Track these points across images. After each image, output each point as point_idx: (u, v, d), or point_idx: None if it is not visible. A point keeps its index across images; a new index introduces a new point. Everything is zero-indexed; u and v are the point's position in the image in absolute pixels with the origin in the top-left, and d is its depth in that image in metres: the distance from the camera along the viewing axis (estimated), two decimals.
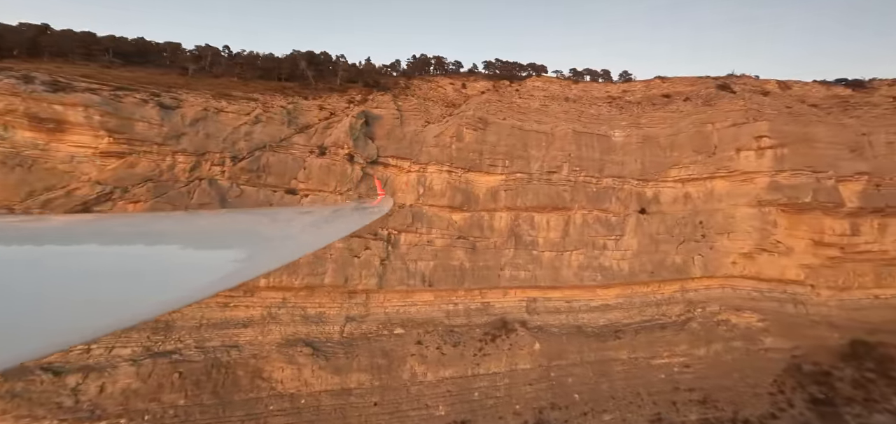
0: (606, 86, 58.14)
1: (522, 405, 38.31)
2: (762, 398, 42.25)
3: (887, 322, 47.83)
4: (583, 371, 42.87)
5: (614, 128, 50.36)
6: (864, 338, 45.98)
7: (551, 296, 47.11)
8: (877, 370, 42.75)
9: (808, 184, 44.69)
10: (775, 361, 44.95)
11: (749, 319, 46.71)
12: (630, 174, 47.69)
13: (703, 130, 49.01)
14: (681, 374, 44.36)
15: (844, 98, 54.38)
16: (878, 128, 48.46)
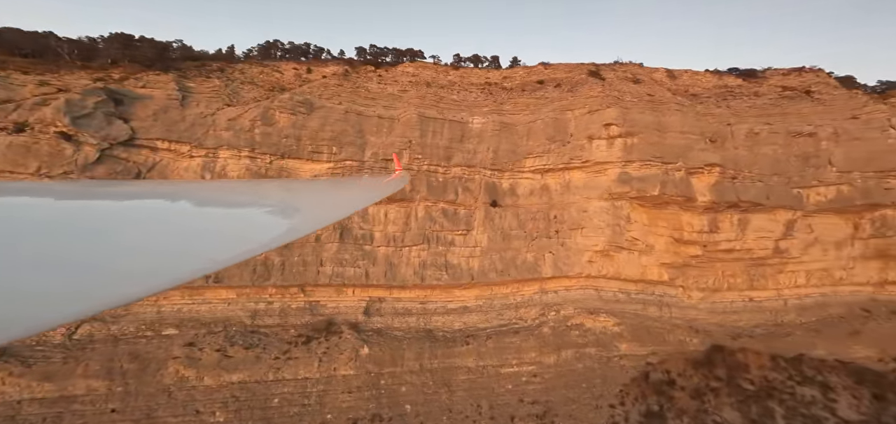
0: (488, 73, 55.25)
1: (336, 414, 34.09)
2: (602, 411, 39.06)
3: (757, 325, 45.72)
4: (422, 380, 39.02)
5: (475, 114, 47.23)
6: (725, 344, 43.60)
7: (401, 297, 43.20)
8: (725, 377, 40.27)
9: (657, 175, 42.30)
10: (627, 369, 41.97)
11: (605, 323, 43.74)
12: (482, 163, 44.36)
13: (563, 118, 46.25)
14: (528, 384, 40.88)
15: (730, 88, 52.82)
16: (747, 119, 46.62)
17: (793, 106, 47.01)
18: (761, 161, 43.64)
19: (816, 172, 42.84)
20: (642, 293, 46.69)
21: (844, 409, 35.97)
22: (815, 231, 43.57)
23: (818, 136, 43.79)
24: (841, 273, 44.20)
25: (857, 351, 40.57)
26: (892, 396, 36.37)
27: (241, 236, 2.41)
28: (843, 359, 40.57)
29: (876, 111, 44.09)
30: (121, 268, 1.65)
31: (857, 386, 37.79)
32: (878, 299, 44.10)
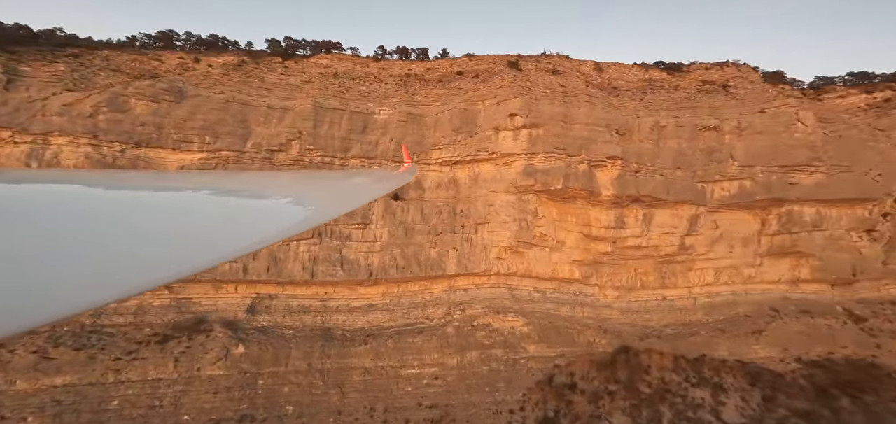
0: (411, 64, 53.59)
1: (194, 415, 31.08)
2: (501, 416, 37.21)
3: (668, 325, 44.80)
4: (310, 380, 36.40)
5: (383, 106, 44.84)
6: (633, 344, 42.49)
7: (296, 294, 40.62)
8: (625, 380, 39.03)
9: (560, 168, 40.81)
10: (534, 372, 40.32)
11: (513, 323, 41.98)
12: (383, 154, 42.03)
13: (473, 109, 44.50)
14: (429, 387, 38.73)
15: (654, 81, 52.00)
16: (658, 112, 45.71)
17: (706, 100, 46.47)
18: (665, 154, 42.78)
19: (719, 166, 42.19)
20: (557, 292, 45.35)
21: (730, 412, 35.14)
22: (721, 227, 42.91)
23: (722, 130, 43.19)
24: (750, 271, 43.69)
25: (758, 351, 39.98)
26: (782, 398, 35.76)
27: (248, 228, 2.40)
28: (744, 360, 39.93)
29: (784, 105, 43.76)
30: (115, 263, 1.59)
31: (749, 388, 37.08)
32: (791, 298, 43.76)
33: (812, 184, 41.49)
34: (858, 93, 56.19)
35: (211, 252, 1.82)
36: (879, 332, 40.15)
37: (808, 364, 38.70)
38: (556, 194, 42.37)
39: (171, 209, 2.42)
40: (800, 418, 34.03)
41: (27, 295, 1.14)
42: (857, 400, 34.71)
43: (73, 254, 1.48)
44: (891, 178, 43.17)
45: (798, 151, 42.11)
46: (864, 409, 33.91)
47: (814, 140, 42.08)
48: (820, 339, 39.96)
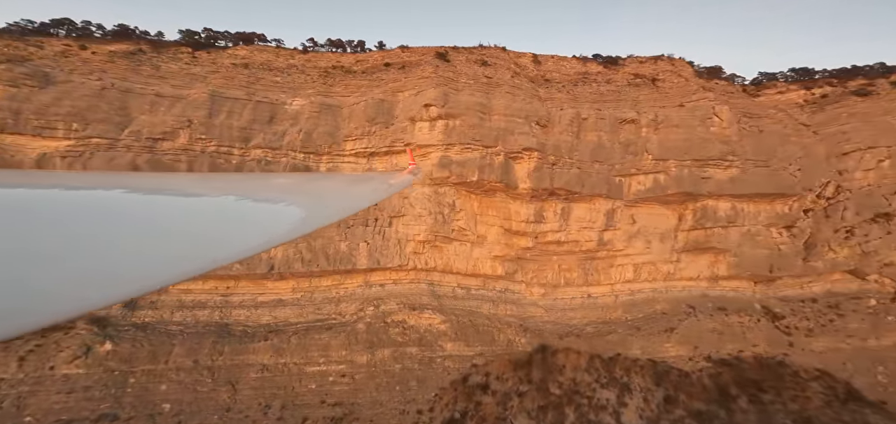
0: (341, 56, 52.21)
1: (40, 415, 29.03)
2: (408, 416, 36.05)
3: (590, 322, 44.00)
4: (194, 378, 34.60)
5: (297, 96, 43.06)
6: (552, 343, 41.67)
7: (192, 289, 38.82)
8: (537, 381, 38.14)
9: (476, 159, 39.54)
10: (450, 371, 39.21)
11: (431, 321, 40.75)
12: (290, 145, 40.25)
13: (392, 100, 43.28)
14: (335, 385, 37.33)
15: (588, 74, 51.04)
16: (582, 104, 44.67)
17: (632, 93, 45.84)
18: (584, 147, 41.92)
19: (635, 160, 41.49)
20: (482, 289, 44.33)
21: (630, 414, 34.50)
22: (639, 222, 42.20)
23: (639, 123, 42.46)
24: (668, 267, 43.13)
25: (669, 349, 39.44)
26: (683, 398, 35.25)
27: (251, 229, 2.45)
28: (656, 359, 39.37)
29: (702, 99, 43.14)
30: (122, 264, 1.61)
31: (654, 388, 36.49)
32: (710, 295, 43.35)
33: (726, 179, 41.01)
34: (797, 89, 56.30)
35: (210, 253, 1.89)
36: (794, 330, 39.95)
37: (717, 363, 38.29)
38: (473, 187, 41.13)
39: (175, 211, 2.44)
40: (694, 419, 33.51)
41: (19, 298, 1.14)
42: (754, 400, 34.36)
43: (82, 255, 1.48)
44: (812, 174, 42.98)
45: (712, 145, 41.58)
46: (760, 409, 33.56)
47: (729, 134, 41.58)
48: (732, 337, 39.59)
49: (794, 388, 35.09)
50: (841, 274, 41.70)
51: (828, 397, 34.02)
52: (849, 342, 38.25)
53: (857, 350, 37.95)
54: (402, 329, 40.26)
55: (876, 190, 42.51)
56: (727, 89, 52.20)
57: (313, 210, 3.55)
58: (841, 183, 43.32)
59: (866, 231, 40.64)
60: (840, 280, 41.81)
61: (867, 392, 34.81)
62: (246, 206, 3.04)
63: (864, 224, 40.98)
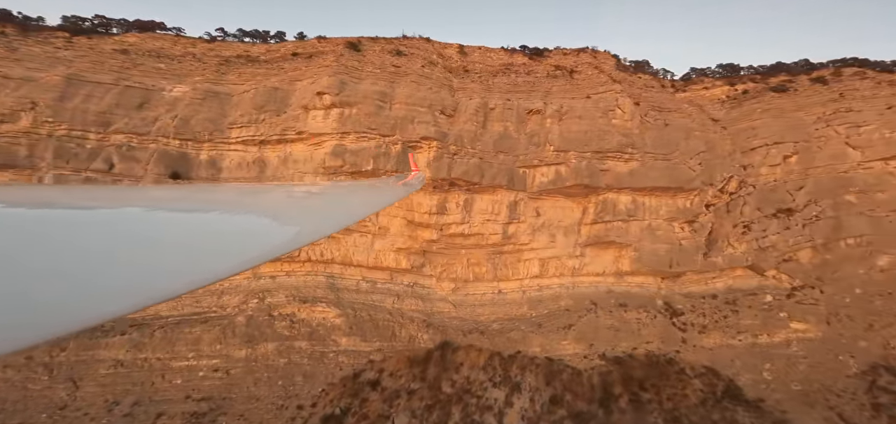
0: (250, 47, 49.65)
1: None
2: (286, 412, 34.20)
3: (498, 319, 42.94)
4: (23, 376, 32.06)
5: (182, 83, 40.48)
6: (456, 340, 40.51)
7: None
8: (432, 379, 36.72)
9: (371, 149, 37.81)
10: (343, 366, 37.55)
11: (325, 314, 38.99)
12: (161, 131, 37.56)
13: (289, 88, 41.67)
14: (205, 380, 35.07)
15: (512, 65, 49.60)
16: (493, 95, 43.11)
17: (545, 84, 45.08)
18: (488, 137, 40.40)
19: (537, 151, 40.24)
20: (389, 283, 42.77)
21: (513, 415, 33.44)
22: (543, 215, 41.15)
23: (544, 114, 41.22)
24: (574, 262, 42.28)
25: (566, 347, 38.69)
26: (569, 398, 34.46)
27: (256, 239, 2.46)
28: (553, 356, 38.64)
29: (608, 91, 42.21)
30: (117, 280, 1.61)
31: (544, 387, 35.60)
32: (615, 291, 42.73)
33: (626, 172, 40.31)
34: (722, 84, 56.35)
35: (217, 265, 1.89)
36: (689, 327, 39.73)
37: (610, 361, 37.73)
38: (369, 175, 39.21)
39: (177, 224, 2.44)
40: (574, 420, 32.78)
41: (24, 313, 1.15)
42: (634, 400, 33.83)
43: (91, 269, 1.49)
44: (716, 168, 42.69)
45: (611, 137, 40.80)
46: (637, 408, 33.06)
47: (630, 127, 40.87)
48: (628, 334, 39.09)
49: (676, 386, 34.73)
50: (743, 270, 41.69)
51: (705, 395, 33.78)
52: (740, 339, 38.23)
53: (748, 347, 37.97)
54: (290, 322, 38.41)
55: (780, 185, 42.59)
56: (649, 83, 51.71)
57: (311, 220, 3.42)
58: (745, 178, 43.23)
59: (764, 226, 40.66)
60: (742, 276, 41.80)
61: (749, 390, 34.76)
62: (239, 219, 3.00)
63: (763, 219, 40.98)
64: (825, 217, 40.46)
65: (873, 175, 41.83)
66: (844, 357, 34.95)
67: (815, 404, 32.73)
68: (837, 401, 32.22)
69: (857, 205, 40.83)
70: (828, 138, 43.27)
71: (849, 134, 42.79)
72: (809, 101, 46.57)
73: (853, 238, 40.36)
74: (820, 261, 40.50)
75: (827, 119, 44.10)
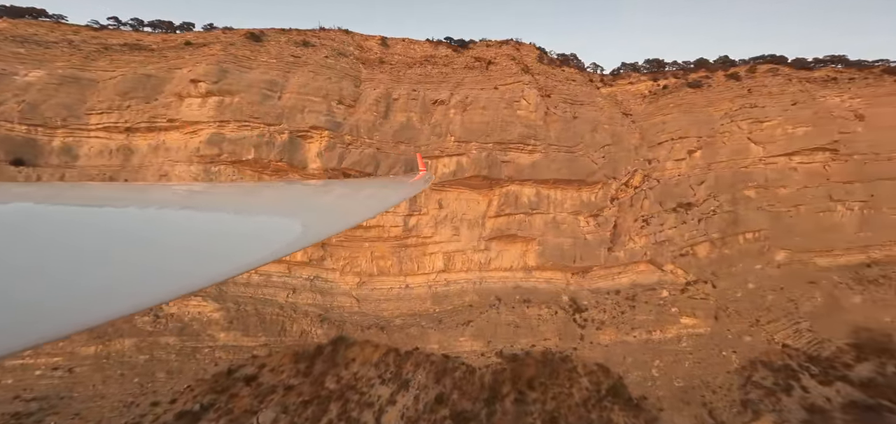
0: (142, 35, 45.92)
1: None
2: (136, 409, 31.14)
3: (402, 315, 40.87)
4: None
5: (40, 69, 36.96)
6: (351, 335, 38.26)
7: None
8: (316, 375, 34.53)
9: (253, 138, 35.29)
10: (220, 362, 34.76)
11: (200, 308, 35.92)
12: (4, 115, 33.89)
13: (167, 75, 38.34)
14: (42, 379, 31.45)
15: (432, 57, 47.42)
16: (401, 85, 40.87)
17: (459, 75, 43.42)
18: (388, 127, 38.28)
19: (439, 142, 38.33)
20: (287, 276, 40.10)
21: (394, 413, 31.70)
22: (446, 207, 39.38)
23: (448, 104, 39.37)
24: (480, 256, 40.74)
25: (464, 344, 37.20)
26: (455, 396, 32.92)
27: (261, 239, 2.41)
28: (450, 353, 37.12)
29: (516, 83, 40.99)
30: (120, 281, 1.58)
31: (433, 386, 34.03)
32: (522, 286, 41.46)
33: (528, 164, 38.96)
34: (646, 79, 56.09)
35: (222, 265, 1.84)
36: (589, 323, 38.96)
37: (507, 359, 36.51)
38: (254, 166, 36.44)
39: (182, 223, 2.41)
40: (454, 420, 31.36)
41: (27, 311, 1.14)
42: (519, 399, 32.69)
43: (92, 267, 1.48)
44: (622, 162, 42.01)
45: (514, 128, 39.42)
46: (521, 408, 31.89)
47: (534, 118, 39.52)
48: (527, 331, 37.96)
49: (564, 385, 33.81)
50: (646, 265, 41.23)
51: (589, 394, 32.99)
52: (635, 335, 37.70)
53: (641, 343, 37.48)
54: (154, 317, 35.39)
55: (683, 179, 42.34)
56: (571, 77, 50.50)
57: (318, 219, 3.38)
58: (650, 172, 42.78)
59: (662, 220, 40.27)
60: (645, 271, 41.34)
61: (636, 388, 34.21)
62: (243, 219, 2.95)
63: (663, 213, 40.62)
64: (722, 212, 40.45)
65: (776, 170, 42.14)
66: (727, 353, 34.87)
67: (690, 401, 32.39)
68: (712, 398, 31.98)
69: (756, 200, 41.03)
70: (732, 133, 43.30)
71: (751, 129, 42.94)
72: (720, 97, 46.55)
73: (751, 233, 40.55)
74: (718, 256, 40.52)
75: (733, 114, 44.12)
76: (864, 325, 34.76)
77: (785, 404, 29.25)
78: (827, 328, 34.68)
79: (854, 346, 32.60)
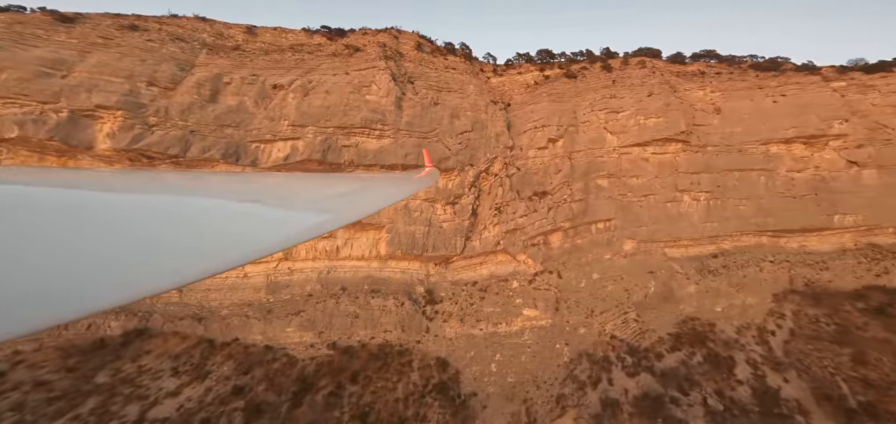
0: None
1: None
2: None
3: (231, 305, 36.67)
4: None
5: None
6: (156, 327, 34.43)
7: None
8: (85, 368, 30.27)
9: (17, 114, 30.34)
10: None
11: None
12: None
13: None
14: None
15: (304, 45, 44.17)
16: (238, 70, 37.56)
17: (318, 61, 40.04)
18: (211, 110, 34.74)
19: (273, 126, 35.18)
20: None
21: (168, 406, 28.42)
22: None
23: (287, 89, 36.48)
24: (326, 244, 37.32)
25: (290, 335, 34.10)
26: (261, 388, 29.18)
27: (266, 231, 2.42)
28: (275, 344, 34.11)
29: (370, 68, 38.63)
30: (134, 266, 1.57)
31: (236, 377, 30.40)
32: (376, 276, 38.61)
33: (376, 149, 36.27)
34: (534, 70, 54.97)
35: (226, 255, 1.82)
36: (438, 315, 36.72)
37: (340, 350, 33.56)
38: (14, 143, 31.84)
39: (190, 212, 2.41)
40: (247, 412, 28.19)
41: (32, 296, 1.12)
42: (335, 393, 29.98)
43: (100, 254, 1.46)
44: (477, 148, 40.16)
45: (358, 113, 36.60)
46: (331, 402, 28.82)
47: (384, 104, 36.83)
48: (368, 322, 35.13)
49: (391, 379, 31.24)
50: (504, 255, 39.64)
51: (415, 389, 30.52)
52: (481, 328, 35.70)
53: (487, 336, 35.55)
54: None
55: (543, 168, 41.03)
56: (452, 65, 48.27)
57: (329, 211, 3.35)
58: (513, 159, 41.26)
59: (515, 208, 38.54)
60: (503, 261, 39.54)
61: (470, 384, 32.15)
62: (257, 208, 2.93)
63: (515, 202, 38.92)
64: (574, 201, 39.40)
65: (630, 160, 41.46)
66: (561, 346, 33.43)
67: (514, 398, 30.60)
68: (535, 394, 30.34)
69: (608, 190, 40.18)
70: (591, 123, 42.38)
71: (607, 119, 42.10)
72: (588, 87, 45.63)
73: (602, 222, 39.63)
74: (570, 246, 39.35)
75: (595, 105, 43.27)
76: (694, 315, 34.29)
77: (589, 398, 27.97)
78: (656, 318, 33.95)
79: (674, 336, 31.85)
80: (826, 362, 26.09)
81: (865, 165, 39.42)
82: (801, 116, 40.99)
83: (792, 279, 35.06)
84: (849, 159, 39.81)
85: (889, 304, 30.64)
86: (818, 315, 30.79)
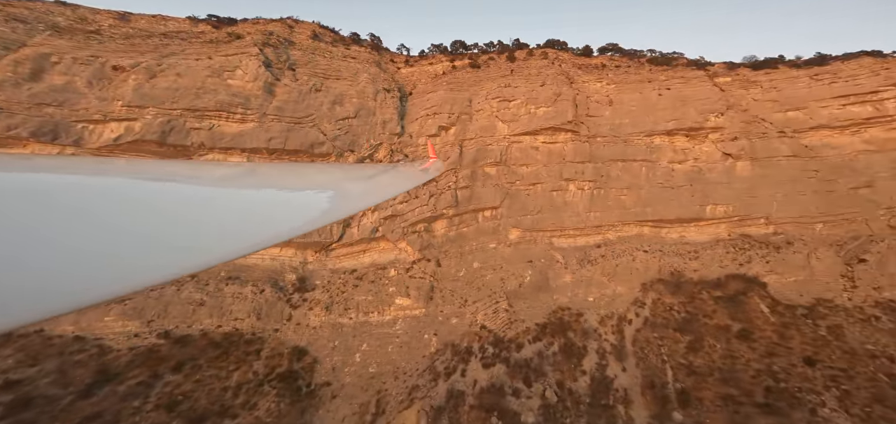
0: None
1: None
2: None
3: None
4: None
5: None
6: None
7: None
8: None
9: None
10: None
11: None
12: None
13: None
14: None
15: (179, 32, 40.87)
16: (79, 51, 33.13)
17: (185, 46, 36.63)
18: (28, 89, 30.42)
19: (103, 105, 31.16)
20: None
21: None
22: None
23: (128, 70, 32.79)
24: None
25: (110, 323, 29.66)
26: (45, 382, 24.89)
27: (273, 219, 2.40)
28: (90, 334, 29.42)
29: (236, 54, 35.54)
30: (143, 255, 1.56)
31: (17, 370, 26.37)
32: (239, 263, 35.07)
33: (235, 133, 32.94)
34: (444, 61, 53.42)
35: (235, 242, 1.81)
36: (305, 303, 33.48)
37: (174, 339, 29.34)
38: None
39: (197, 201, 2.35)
40: (13, 407, 24.10)
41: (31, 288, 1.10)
42: (147, 383, 25.87)
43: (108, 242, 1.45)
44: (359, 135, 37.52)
45: (216, 96, 33.41)
46: (135, 391, 25.13)
47: (251, 89, 34.04)
48: (215, 310, 31.08)
49: (227, 367, 27.43)
50: (386, 243, 37.07)
51: (254, 378, 27.33)
52: (350, 317, 32.81)
53: (357, 325, 32.73)
54: None
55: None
56: (354, 55, 45.62)
57: (339, 200, 3.34)
58: (401, 146, 38.95)
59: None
60: (385, 249, 37.01)
61: (328, 373, 28.98)
62: (266, 195, 2.87)
63: None
64: (459, 187, 37.62)
65: (520, 149, 40.21)
66: (429, 336, 31.26)
67: (369, 389, 27.96)
68: (392, 385, 27.78)
69: (495, 178, 38.68)
70: (484, 111, 40.92)
71: (499, 108, 40.92)
72: (488, 77, 44.20)
73: (488, 210, 38.02)
74: (455, 234, 37.37)
75: (490, 93, 41.95)
76: (567, 305, 33.17)
77: (438, 390, 25.77)
78: (528, 308, 32.51)
79: (541, 326, 30.43)
80: (663, 350, 25.35)
81: (739, 157, 40.32)
82: (680, 109, 41.47)
83: (661, 268, 34.78)
84: (724, 151, 40.60)
85: (742, 292, 30.77)
86: (674, 303, 30.39)
